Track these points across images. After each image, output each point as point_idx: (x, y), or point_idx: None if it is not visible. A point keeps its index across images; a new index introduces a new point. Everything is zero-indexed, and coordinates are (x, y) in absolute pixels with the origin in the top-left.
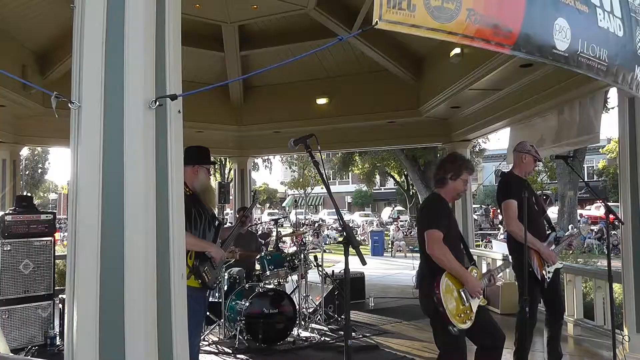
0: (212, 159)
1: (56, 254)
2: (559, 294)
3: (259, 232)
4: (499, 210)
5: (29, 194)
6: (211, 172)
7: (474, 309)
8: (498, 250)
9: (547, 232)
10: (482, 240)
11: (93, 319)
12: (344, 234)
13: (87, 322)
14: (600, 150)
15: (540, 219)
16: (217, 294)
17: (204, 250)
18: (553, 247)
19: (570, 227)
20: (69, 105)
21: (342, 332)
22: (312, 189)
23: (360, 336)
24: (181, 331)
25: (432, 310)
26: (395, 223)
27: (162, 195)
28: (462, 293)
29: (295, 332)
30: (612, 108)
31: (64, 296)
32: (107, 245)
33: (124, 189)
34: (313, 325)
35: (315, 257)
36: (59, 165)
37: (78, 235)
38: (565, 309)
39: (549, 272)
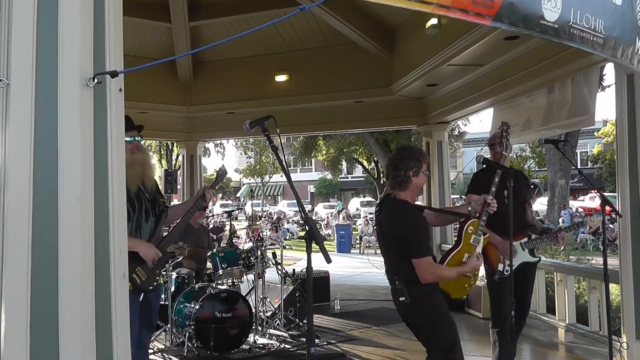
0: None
1: None
2: (527, 292)
3: (211, 226)
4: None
5: None
6: (140, 137)
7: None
8: None
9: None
10: None
11: (23, 322)
12: (306, 227)
13: (16, 326)
14: (595, 133)
15: (507, 214)
16: (162, 296)
17: (132, 250)
18: (525, 239)
19: (560, 220)
20: None
21: (304, 339)
22: (270, 177)
23: (325, 343)
24: (122, 336)
25: (420, 315)
26: (364, 216)
27: (101, 183)
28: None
29: (251, 338)
30: (609, 86)
31: None
32: (40, 239)
33: (58, 176)
34: (271, 330)
35: (274, 254)
36: None
37: (6, 229)
38: (527, 312)
39: (509, 264)
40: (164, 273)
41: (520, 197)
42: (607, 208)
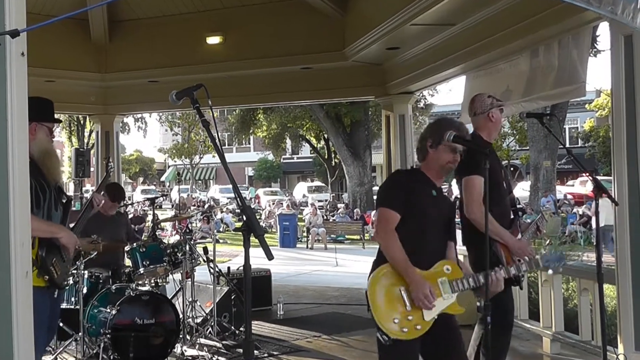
0: (57, 116)
1: None
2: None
3: (130, 216)
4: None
5: None
6: (54, 133)
7: (428, 317)
8: None
9: (511, 218)
10: None
11: None
12: (244, 218)
13: None
14: (586, 106)
15: (507, 199)
16: (73, 299)
17: (52, 236)
18: (519, 236)
19: (545, 209)
20: None
21: (240, 350)
22: (201, 158)
23: (265, 355)
24: (25, 344)
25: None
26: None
27: None
28: (404, 293)
29: (178, 349)
30: (603, 50)
31: None
32: None
33: None
34: (202, 340)
35: (206, 250)
36: None
37: None
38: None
39: (521, 264)
40: (74, 272)
41: (507, 179)
42: (602, 194)
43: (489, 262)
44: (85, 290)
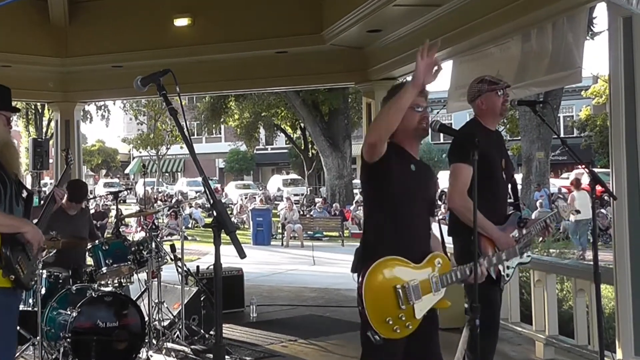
0: (15, 104)
1: None
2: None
3: (92, 211)
4: None
5: None
6: (12, 123)
7: (419, 315)
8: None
9: (509, 212)
10: None
11: None
12: (214, 213)
13: None
14: (582, 93)
15: (505, 192)
16: (30, 300)
17: (17, 231)
18: (515, 233)
19: (538, 204)
20: None
21: (210, 355)
22: (167, 149)
23: None
24: None
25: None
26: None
27: None
28: (401, 291)
29: (143, 354)
30: (600, 33)
31: None
32: None
33: None
34: (169, 344)
35: (173, 247)
36: None
37: None
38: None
39: (507, 267)
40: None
41: (510, 170)
42: (599, 188)
43: (470, 257)
44: (43, 291)
